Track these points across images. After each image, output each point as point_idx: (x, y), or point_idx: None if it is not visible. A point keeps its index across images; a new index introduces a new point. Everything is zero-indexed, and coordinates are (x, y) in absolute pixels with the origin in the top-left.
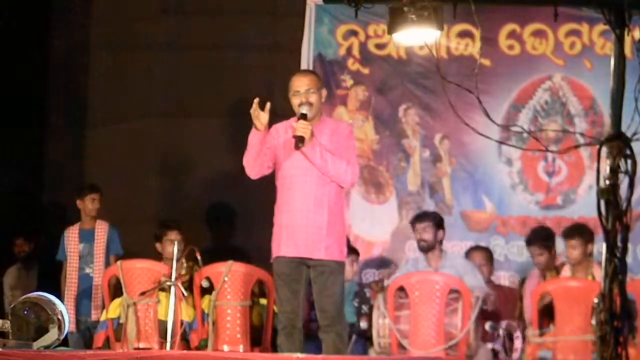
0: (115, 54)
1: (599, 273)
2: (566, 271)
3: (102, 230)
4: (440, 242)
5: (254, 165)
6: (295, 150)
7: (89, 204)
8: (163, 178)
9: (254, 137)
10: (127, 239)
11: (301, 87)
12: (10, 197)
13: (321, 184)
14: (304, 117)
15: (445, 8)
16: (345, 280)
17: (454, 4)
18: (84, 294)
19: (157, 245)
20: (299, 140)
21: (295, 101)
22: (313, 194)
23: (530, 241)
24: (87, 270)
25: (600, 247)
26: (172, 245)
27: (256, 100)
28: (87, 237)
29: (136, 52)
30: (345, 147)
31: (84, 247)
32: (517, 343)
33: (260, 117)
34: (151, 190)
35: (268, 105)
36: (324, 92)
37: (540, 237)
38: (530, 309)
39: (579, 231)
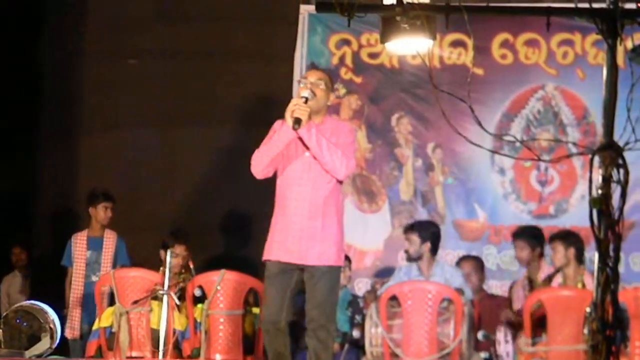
0: (109, 61)
1: (590, 281)
2: (558, 279)
3: (110, 239)
4: (434, 252)
5: (269, 164)
6: (293, 155)
7: (101, 212)
8: (156, 186)
9: (285, 136)
10: None
11: (312, 77)
12: (5, 205)
13: (317, 188)
14: (304, 100)
15: (437, 17)
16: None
17: (446, 14)
18: (90, 302)
19: (162, 252)
20: (296, 122)
21: (301, 88)
22: (308, 199)
23: (516, 235)
24: (94, 279)
25: (592, 256)
26: (177, 258)
27: (302, 97)
28: (95, 245)
29: (130, 60)
30: (343, 143)
31: (92, 255)
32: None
33: (304, 112)
34: (145, 198)
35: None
36: (332, 97)
37: (527, 234)
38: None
39: (560, 235)
